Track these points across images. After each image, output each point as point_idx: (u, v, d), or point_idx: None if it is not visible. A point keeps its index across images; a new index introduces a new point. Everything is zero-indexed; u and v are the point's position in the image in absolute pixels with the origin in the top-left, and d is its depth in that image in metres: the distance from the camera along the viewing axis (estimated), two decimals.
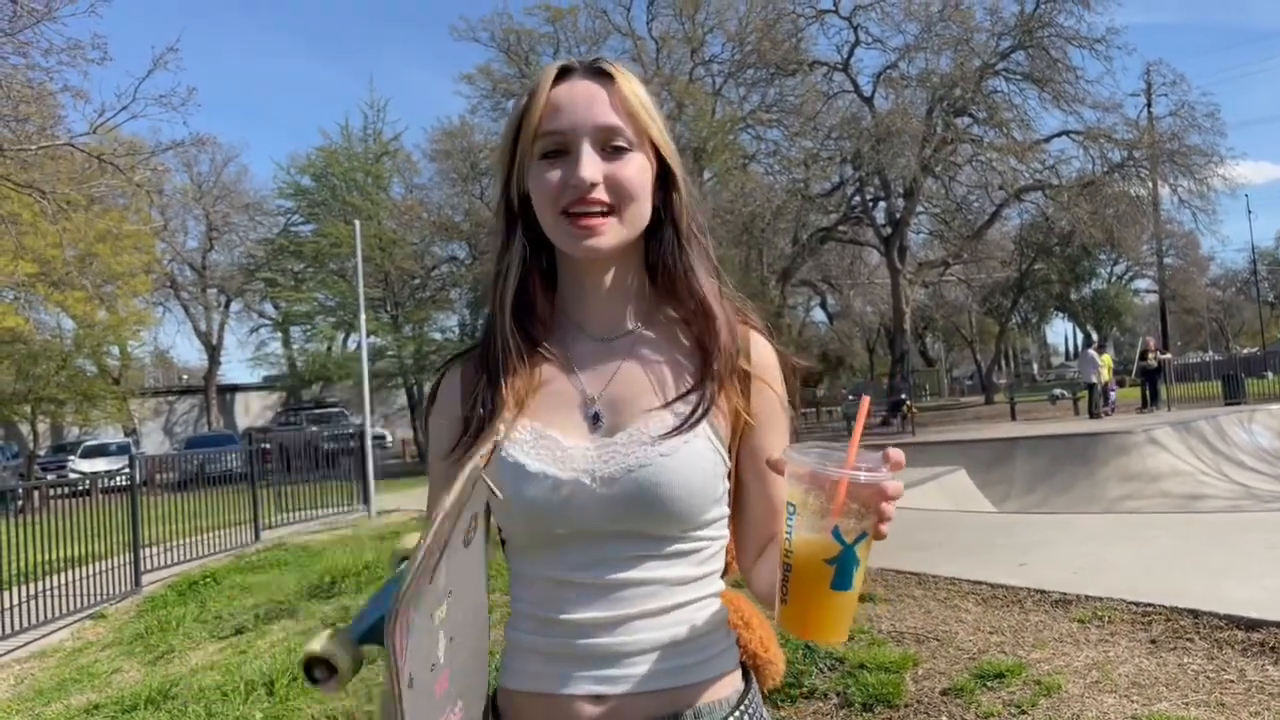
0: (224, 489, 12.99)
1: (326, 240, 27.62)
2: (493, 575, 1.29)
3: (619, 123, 1.15)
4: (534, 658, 1.14)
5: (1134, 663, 3.84)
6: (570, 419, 1.17)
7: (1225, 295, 62.60)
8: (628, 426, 1.14)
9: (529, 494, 1.11)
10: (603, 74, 1.18)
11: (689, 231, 1.22)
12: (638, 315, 1.23)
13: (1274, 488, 14.84)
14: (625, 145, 1.15)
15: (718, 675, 1.15)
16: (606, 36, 31.13)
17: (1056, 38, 26.66)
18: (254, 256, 36.73)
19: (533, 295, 1.22)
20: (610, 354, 1.20)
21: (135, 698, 5.76)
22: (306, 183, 29.97)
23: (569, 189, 1.12)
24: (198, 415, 45.02)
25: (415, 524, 11.43)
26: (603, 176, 1.13)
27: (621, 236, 1.16)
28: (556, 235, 1.16)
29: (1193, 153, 27.39)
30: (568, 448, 1.13)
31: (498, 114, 30.24)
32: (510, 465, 1.12)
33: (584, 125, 1.14)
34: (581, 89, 1.16)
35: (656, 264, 1.23)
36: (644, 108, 1.18)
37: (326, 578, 8.14)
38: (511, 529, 1.17)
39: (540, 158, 1.15)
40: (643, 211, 1.18)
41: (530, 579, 1.16)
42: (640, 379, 1.18)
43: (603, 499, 1.10)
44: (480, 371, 1.21)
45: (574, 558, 1.11)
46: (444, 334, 33.68)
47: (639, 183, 1.16)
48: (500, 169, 1.23)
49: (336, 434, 16.71)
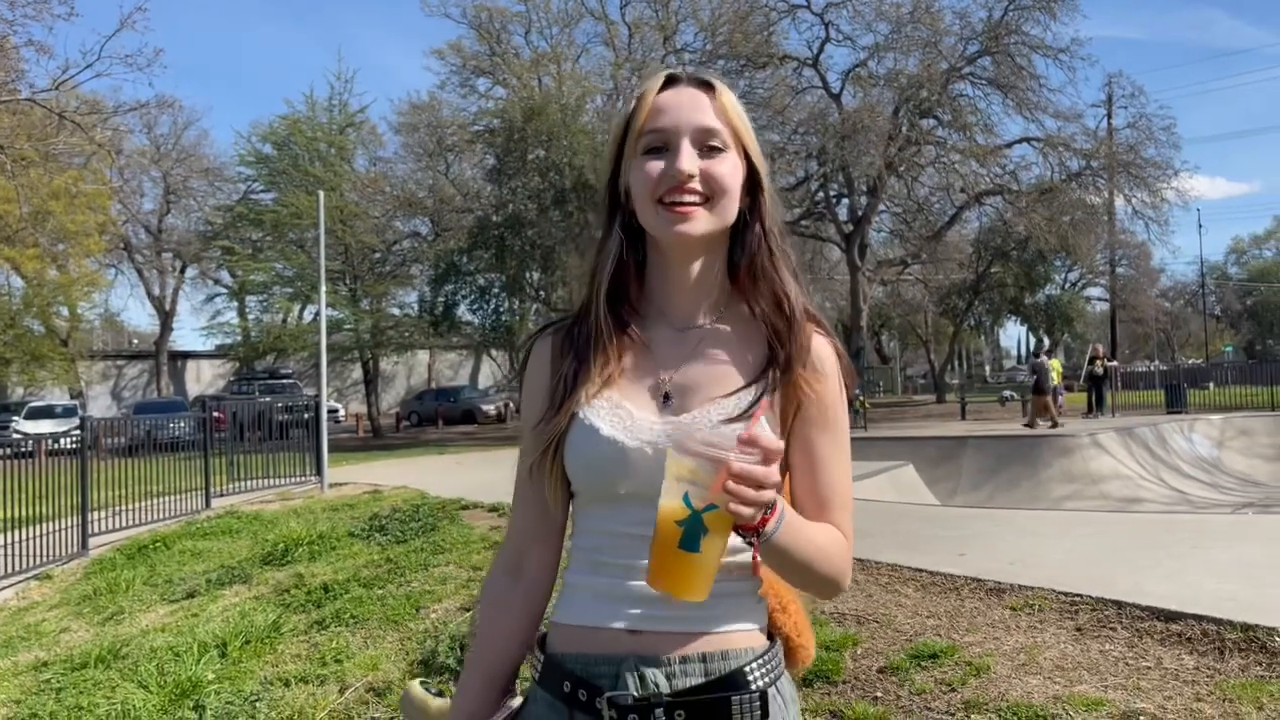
0: (174, 455, 12.90)
1: (287, 210, 27.34)
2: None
3: (717, 125, 1.27)
4: (585, 595, 1.28)
5: (1059, 648, 4.04)
6: (643, 396, 1.30)
7: (1173, 307, 63.88)
8: (694, 408, 1.27)
9: (598, 453, 1.25)
10: (705, 84, 1.31)
11: (774, 233, 1.34)
12: (714, 309, 1.35)
13: (1209, 495, 15.32)
14: (720, 145, 1.28)
15: (746, 629, 1.27)
16: (579, 19, 31.10)
17: (1023, 45, 27.04)
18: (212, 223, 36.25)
19: (626, 282, 1.35)
20: (685, 342, 1.33)
21: (85, 656, 5.80)
22: (268, 150, 29.61)
23: (667, 178, 1.25)
24: (147, 381, 44.41)
25: (368, 498, 11.48)
26: (699, 170, 1.25)
27: (711, 226, 1.27)
28: (652, 221, 1.27)
29: (1148, 165, 27.95)
30: (638, 419, 1.27)
31: (466, 90, 30.07)
32: (586, 428, 1.27)
33: (685, 125, 1.26)
34: (686, 95, 1.29)
35: (740, 261, 1.34)
36: (740, 117, 1.31)
37: (280, 545, 8.18)
38: (580, 483, 1.31)
39: (643, 154, 1.28)
40: (732, 207, 1.29)
41: (592, 530, 1.30)
42: (709, 368, 1.30)
43: (660, 467, 1.17)
44: (569, 346, 1.35)
45: (631, 514, 1.22)
46: (403, 309, 33.54)
47: (731, 179, 1.28)
48: (607, 164, 1.36)
49: (291, 405, 16.63)
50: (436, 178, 31.17)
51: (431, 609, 5.75)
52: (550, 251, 26.54)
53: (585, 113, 27.51)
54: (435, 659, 4.80)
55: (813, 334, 1.32)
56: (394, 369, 47.25)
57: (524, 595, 1.38)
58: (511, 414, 36.43)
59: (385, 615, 5.72)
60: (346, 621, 5.73)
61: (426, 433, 32.58)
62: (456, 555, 7.05)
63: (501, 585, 1.40)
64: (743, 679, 1.22)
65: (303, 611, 6.16)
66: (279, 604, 6.42)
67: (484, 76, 29.71)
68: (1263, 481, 17.58)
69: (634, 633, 1.22)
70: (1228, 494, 15.70)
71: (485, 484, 11.03)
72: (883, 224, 33.44)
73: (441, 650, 4.84)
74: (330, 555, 7.74)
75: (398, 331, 31.60)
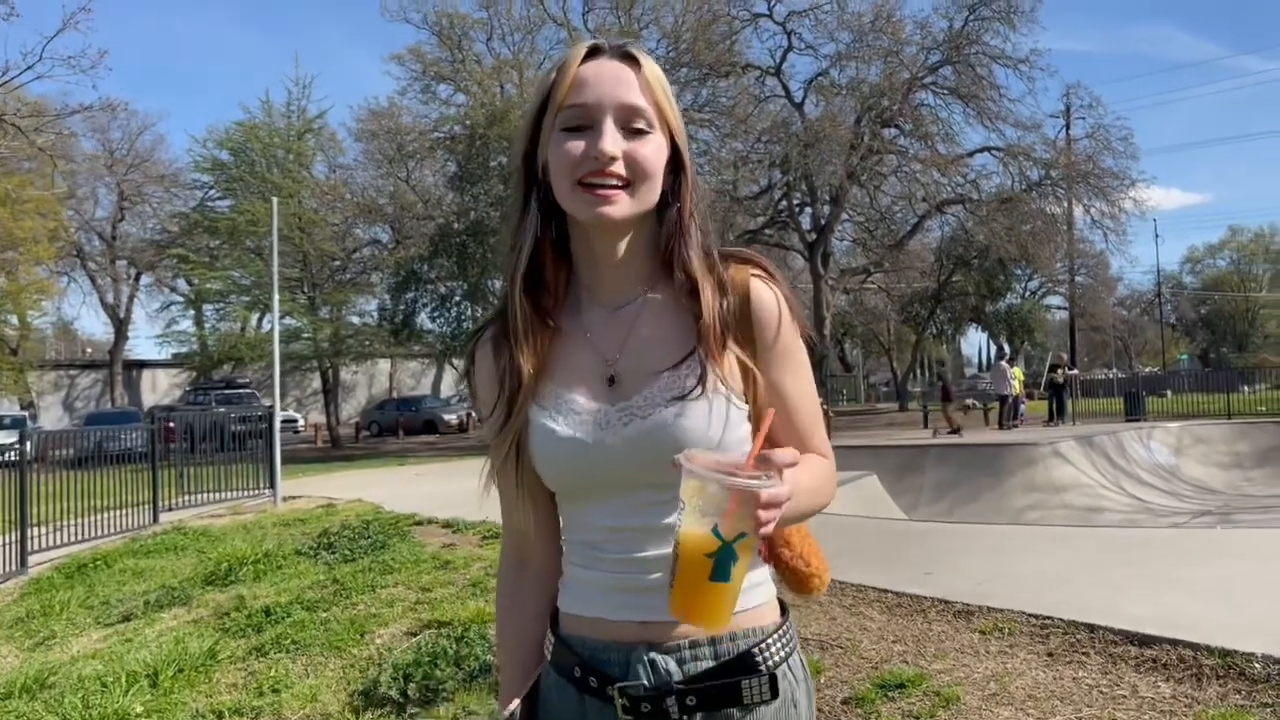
0: (123, 468, 12.49)
1: (243, 217, 26.90)
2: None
3: (642, 104, 1.22)
4: (588, 588, 1.27)
5: (1031, 675, 3.87)
6: (589, 383, 1.26)
7: (1130, 315, 64.70)
8: (643, 390, 1.24)
9: (561, 456, 1.24)
10: (629, 57, 1.25)
11: (690, 213, 1.29)
12: (644, 283, 1.30)
13: (1168, 502, 15.34)
14: (645, 127, 1.22)
15: (755, 606, 1.26)
16: (541, 25, 30.90)
17: (983, 55, 27.21)
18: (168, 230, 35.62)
19: (543, 264, 1.29)
20: (620, 321, 1.29)
21: (9, 685, 5.48)
22: (224, 157, 29.12)
23: (588, 160, 1.19)
24: (101, 391, 43.54)
25: (321, 512, 11.15)
26: (622, 153, 1.19)
27: (632, 210, 1.22)
28: (572, 203, 1.22)
29: (1106, 175, 28.18)
30: (591, 410, 1.24)
31: (427, 96, 29.75)
32: (542, 430, 1.25)
33: (608, 102, 1.20)
34: (609, 68, 1.23)
35: (660, 240, 1.30)
36: (665, 92, 1.25)
37: (224, 564, 7.85)
38: (553, 484, 1.30)
39: (562, 130, 1.21)
40: (655, 190, 1.24)
41: (580, 524, 1.29)
42: (651, 343, 1.26)
43: (627, 455, 1.21)
44: (504, 342, 1.30)
45: (612, 507, 1.24)
46: (363, 318, 33.10)
47: (654, 162, 1.23)
48: (522, 139, 1.30)
49: (245, 415, 16.22)
50: (397, 184, 30.81)
51: (377, 633, 5.49)
52: None
53: None
54: (377, 689, 4.54)
55: (749, 280, 1.29)
56: (354, 378, 46.65)
57: (534, 583, 1.39)
58: (474, 424, 36.03)
59: (328, 641, 5.44)
60: (287, 648, 5.45)
61: (387, 443, 32.12)
62: (405, 575, 6.77)
63: (511, 580, 1.41)
64: (751, 661, 1.23)
65: (242, 636, 5.86)
66: (218, 628, 6.13)
67: (445, 83, 29.42)
68: (1219, 489, 17.68)
69: (643, 624, 1.23)
70: (1186, 501, 15.75)
71: (443, 497, 10.77)
72: (845, 233, 33.49)
73: (384, 681, 4.58)
74: (275, 575, 7.43)
75: (357, 340, 31.18)
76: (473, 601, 5.76)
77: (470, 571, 6.71)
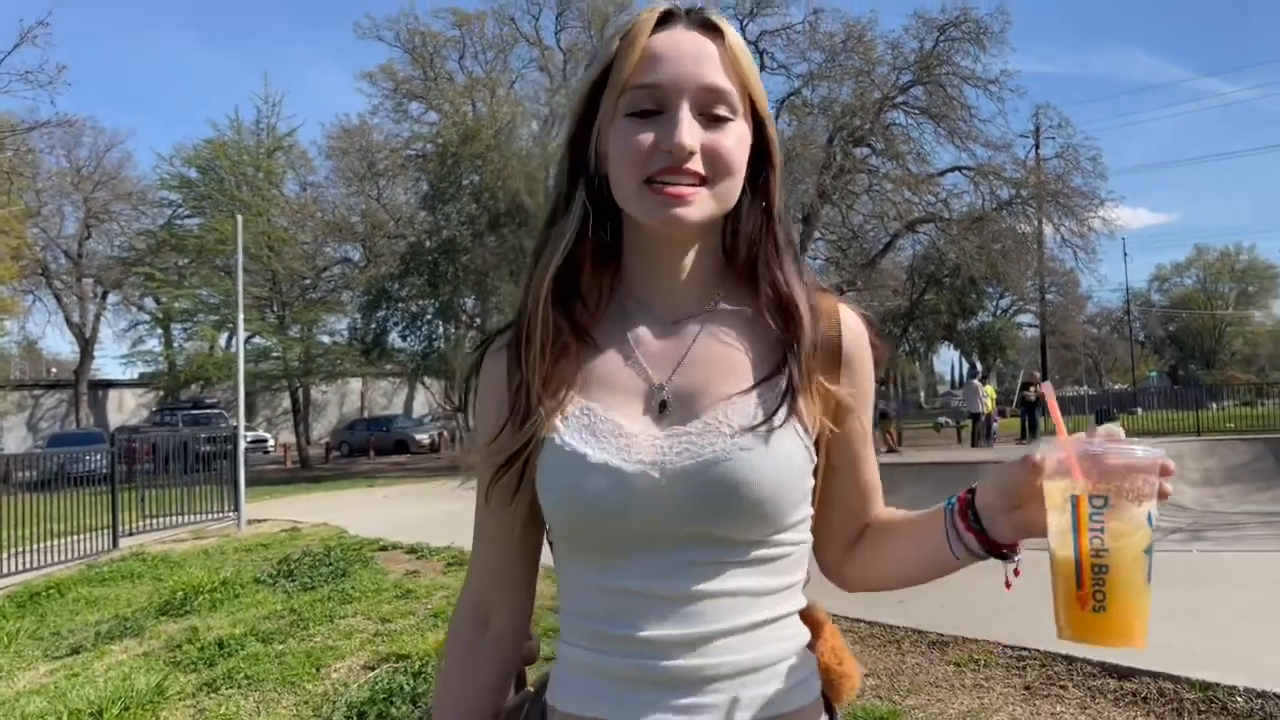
0: (84, 491, 12.17)
1: (212, 235, 26.63)
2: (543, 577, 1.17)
3: (725, 85, 1.01)
4: (596, 678, 1.00)
5: (1008, 710, 3.75)
6: (633, 405, 1.03)
7: (1100, 333, 65.26)
8: (703, 415, 1.00)
9: (589, 488, 0.97)
10: (710, 26, 1.03)
11: (779, 219, 1.11)
12: (711, 294, 1.10)
13: None
14: (727, 113, 1.01)
15: (803, 705, 1.02)
16: (514, 44, 30.83)
17: (953, 76, 27.39)
18: (135, 248, 35.19)
19: (580, 268, 1.07)
20: (679, 336, 1.07)
21: None
22: (192, 175, 28.84)
23: (660, 154, 0.98)
24: (66, 411, 42.82)
25: (285, 536, 10.92)
26: (700, 145, 0.99)
27: (709, 211, 1.02)
28: (637, 203, 1.01)
29: (1075, 194, 28.42)
30: (633, 434, 1.00)
31: (399, 114, 29.58)
32: (563, 453, 1.00)
33: (687, 83, 1.00)
34: (687, 40, 1.02)
35: (738, 244, 1.10)
36: (751, 70, 1.04)
37: (179, 593, 7.62)
38: (564, 528, 1.03)
39: (628, 115, 1.01)
40: (736, 187, 1.04)
41: (587, 586, 1.02)
42: (716, 363, 1.05)
43: (675, 497, 0.96)
44: (518, 353, 1.08)
45: (641, 564, 0.98)
46: (333, 337, 32.79)
47: (738, 156, 1.03)
48: (571, 121, 1.08)
49: (212, 436, 15.93)
50: (369, 202, 30.58)
51: (333, 667, 5.30)
52: (484, 277, 26.10)
53: (520, 137, 27.23)
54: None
55: (837, 306, 1.10)
56: (325, 398, 46.20)
57: (493, 648, 1.14)
58: (445, 443, 35.73)
59: (282, 675, 5.24)
60: (239, 683, 5.24)
61: (357, 463, 31.78)
62: (365, 605, 6.58)
63: (467, 639, 1.14)
64: None
65: (193, 671, 5.64)
66: (169, 662, 5.90)
67: (417, 100, 29.27)
68: (1189, 506, 17.71)
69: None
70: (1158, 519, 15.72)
71: (410, 520, 10.58)
72: (818, 251, 33.55)
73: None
74: (232, 604, 7.21)
75: (328, 359, 30.86)
76: (433, 633, 5.59)
77: (432, 601, 6.53)
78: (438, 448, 35.17)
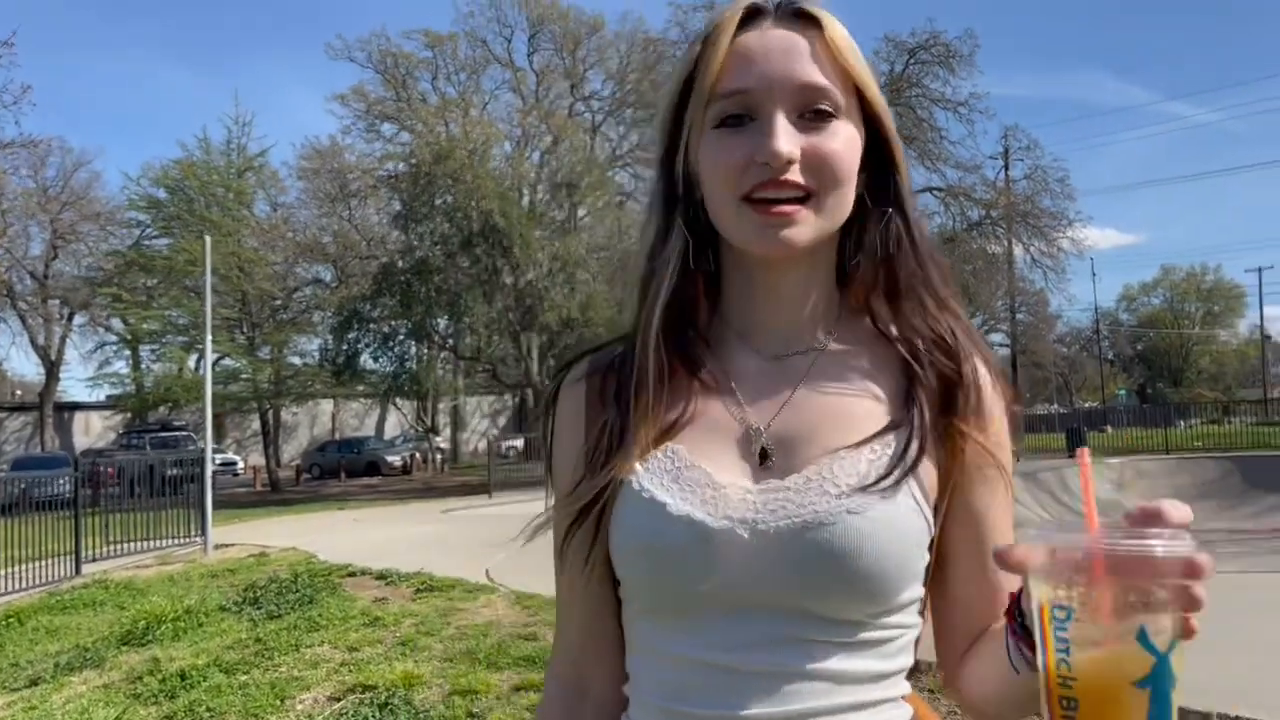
0: (47, 515, 11.95)
1: (181, 256, 26.42)
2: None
3: (825, 82, 0.88)
4: None
5: None
6: (728, 453, 0.90)
7: (1070, 352, 65.92)
8: (805, 469, 0.87)
9: (666, 542, 0.85)
10: (805, 17, 0.91)
11: (917, 225, 0.96)
12: (821, 328, 0.96)
13: None
14: (830, 110, 0.89)
15: None
16: (486, 65, 30.97)
17: (924, 99, 27.70)
18: (102, 269, 34.81)
19: (693, 301, 0.96)
20: (784, 375, 0.94)
21: None
22: (161, 195, 28.64)
23: (756, 167, 0.86)
24: (31, 434, 42.17)
25: (252, 562, 10.75)
26: (800, 151, 0.86)
27: (819, 230, 0.89)
28: (734, 225, 0.89)
29: (1044, 215, 28.77)
30: (722, 485, 0.87)
31: (371, 135, 29.55)
32: (641, 500, 0.87)
33: (781, 83, 0.87)
34: (775, 37, 0.89)
35: (860, 269, 0.97)
36: (858, 60, 0.91)
37: (141, 622, 7.47)
38: (635, 582, 0.90)
39: (716, 125, 0.89)
40: (847, 198, 0.91)
41: (658, 654, 0.89)
42: (824, 409, 0.91)
43: (765, 561, 0.83)
44: (612, 388, 0.95)
45: (721, 633, 0.85)
46: (304, 358, 32.57)
47: (846, 161, 0.89)
48: (661, 138, 0.97)
49: (179, 458, 15.71)
50: (340, 223, 30.48)
51: (298, 699, 5.19)
52: (457, 298, 26.04)
53: (493, 157, 27.25)
54: None
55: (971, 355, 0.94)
56: (295, 419, 45.79)
57: (595, 717, 0.99)
58: (418, 465, 35.49)
59: (245, 708, 5.13)
60: (201, 716, 5.13)
61: (328, 486, 31.46)
62: (333, 633, 6.47)
63: (565, 707, 1.00)
64: None
65: (153, 703, 5.52)
66: (129, 695, 5.77)
67: (389, 121, 29.26)
68: None
69: None
70: None
71: (379, 545, 10.47)
72: None
73: None
74: (196, 633, 7.08)
75: (298, 381, 30.64)
76: (400, 663, 5.49)
77: (400, 629, 6.43)
78: (410, 470, 34.91)
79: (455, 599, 7.35)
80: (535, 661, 5.31)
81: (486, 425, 48.70)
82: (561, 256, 25.32)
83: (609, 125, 30.30)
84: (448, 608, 7.02)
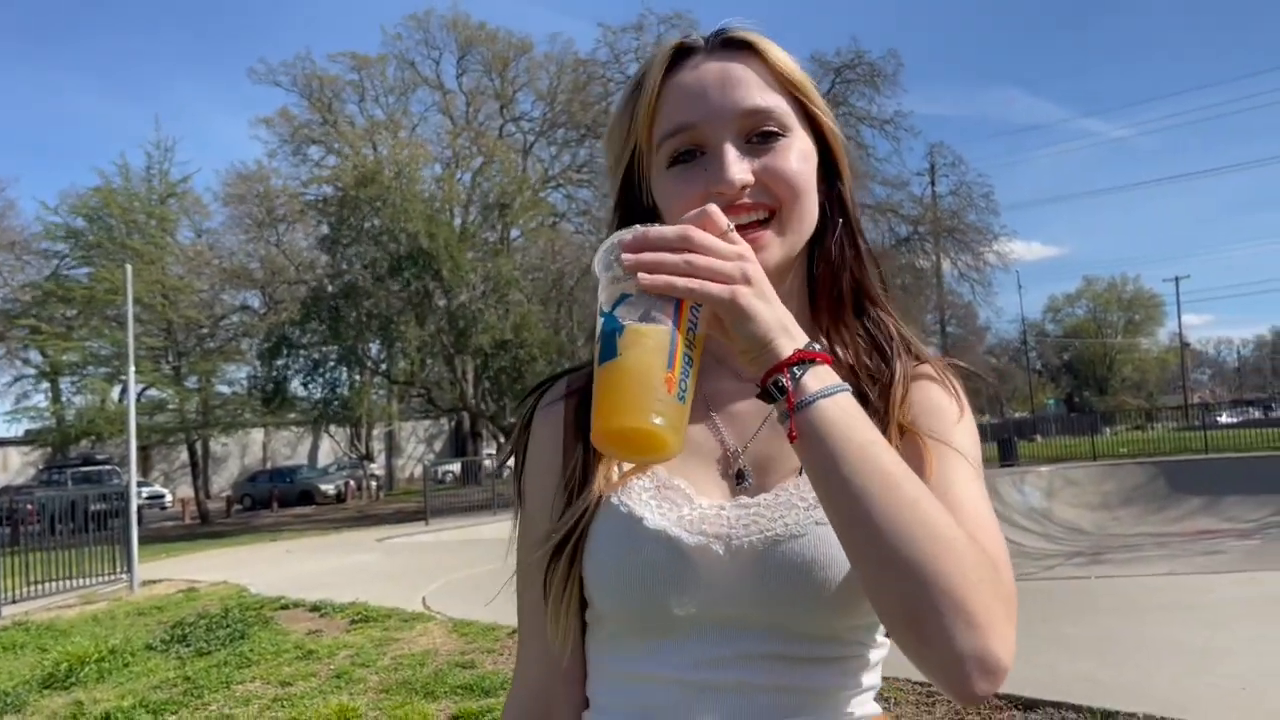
0: None
1: (102, 286, 25.71)
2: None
3: (766, 104, 0.88)
4: None
5: None
6: (705, 472, 0.91)
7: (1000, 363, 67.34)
8: (775, 486, 0.88)
9: (642, 557, 0.85)
10: (736, 45, 0.91)
11: (860, 233, 0.97)
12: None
13: (1042, 545, 15.77)
14: (777, 130, 0.89)
15: None
16: (415, 87, 30.77)
17: (850, 116, 28.19)
18: (18, 300, 33.74)
19: None
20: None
21: None
22: (79, 224, 27.89)
23: (713, 198, 0.84)
24: None
25: (181, 598, 10.46)
26: (753, 173, 0.87)
27: (787, 248, 0.89)
28: None
29: (970, 230, 29.43)
30: (698, 504, 0.88)
31: (298, 159, 29.13)
32: (624, 517, 0.87)
33: (722, 113, 0.87)
34: (712, 71, 0.89)
35: (827, 280, 0.97)
36: (799, 79, 0.92)
37: (63, 664, 7.21)
38: (607, 601, 0.88)
39: (669, 165, 0.89)
40: (810, 211, 0.91)
41: (625, 675, 0.88)
42: None
43: (738, 576, 0.84)
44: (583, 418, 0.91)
45: (691, 650, 0.85)
46: (232, 386, 31.88)
47: (803, 175, 0.89)
48: (613, 184, 0.97)
49: (104, 493, 15.23)
50: (267, 248, 29.96)
51: None
52: (388, 322, 25.72)
53: (422, 179, 27.04)
54: None
55: (920, 373, 0.95)
56: (225, 449, 44.72)
57: None
58: (352, 493, 34.92)
59: None
60: None
61: (260, 516, 30.81)
62: (264, 669, 6.31)
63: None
64: None
65: None
66: None
67: (316, 144, 28.88)
68: (1088, 529, 18.32)
69: None
70: (1059, 544, 16.22)
71: (313, 575, 10.26)
72: None
73: None
74: (121, 674, 6.85)
75: (227, 410, 29.98)
76: (335, 696, 5.37)
77: (335, 661, 6.29)
78: (344, 498, 34.35)
79: (391, 629, 7.22)
80: (473, 690, 5.24)
81: (423, 450, 48.13)
82: (494, 277, 25.19)
83: (540, 146, 30.29)
84: (384, 638, 6.90)
